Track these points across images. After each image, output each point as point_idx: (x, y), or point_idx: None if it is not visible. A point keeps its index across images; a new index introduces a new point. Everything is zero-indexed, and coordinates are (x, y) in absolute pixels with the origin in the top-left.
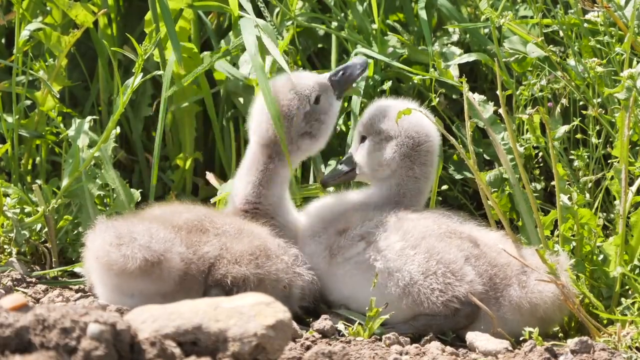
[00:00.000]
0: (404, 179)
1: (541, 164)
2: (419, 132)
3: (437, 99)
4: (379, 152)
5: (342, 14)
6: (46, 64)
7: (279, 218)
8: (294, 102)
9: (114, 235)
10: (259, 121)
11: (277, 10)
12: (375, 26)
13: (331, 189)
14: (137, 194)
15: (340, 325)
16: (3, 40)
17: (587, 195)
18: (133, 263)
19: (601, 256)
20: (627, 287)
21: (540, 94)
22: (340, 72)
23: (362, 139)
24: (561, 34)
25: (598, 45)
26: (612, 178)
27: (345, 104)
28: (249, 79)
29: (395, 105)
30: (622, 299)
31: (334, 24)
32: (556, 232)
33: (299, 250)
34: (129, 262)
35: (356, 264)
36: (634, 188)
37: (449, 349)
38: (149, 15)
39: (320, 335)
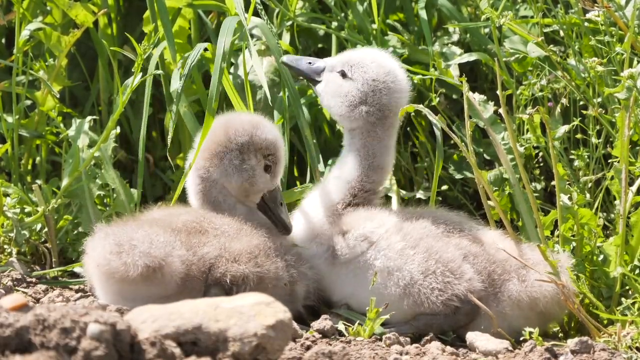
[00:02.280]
0: (368, 139)
1: (541, 164)
2: (396, 108)
3: (437, 99)
4: (348, 105)
5: (342, 14)
6: (46, 64)
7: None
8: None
9: (113, 242)
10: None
11: (277, 10)
12: (375, 26)
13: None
14: (137, 193)
15: (341, 325)
16: (3, 40)
17: (587, 195)
18: (134, 271)
19: (601, 256)
20: (627, 287)
21: (540, 93)
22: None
23: (344, 73)
24: (561, 33)
25: (598, 45)
26: (612, 178)
27: None
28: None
29: (388, 70)
30: (622, 299)
31: (334, 23)
32: (556, 232)
33: (301, 250)
34: (130, 270)
35: (359, 264)
36: (634, 188)
37: (449, 349)
38: (147, 14)
39: (320, 335)
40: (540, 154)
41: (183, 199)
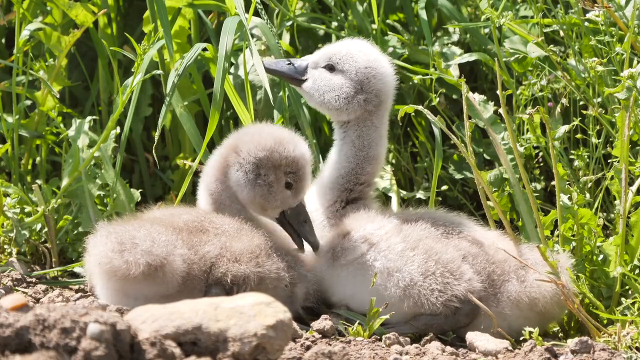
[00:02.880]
0: (363, 130)
1: (541, 164)
2: (389, 93)
3: (437, 99)
4: (345, 97)
5: (342, 14)
6: (46, 64)
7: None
8: (240, 158)
9: (115, 241)
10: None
11: (277, 10)
12: (375, 26)
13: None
14: (137, 194)
15: (341, 325)
16: (3, 40)
17: (587, 195)
18: (136, 269)
19: (601, 256)
20: (627, 287)
21: (540, 93)
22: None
23: (330, 67)
24: (561, 33)
25: (598, 45)
26: (612, 178)
27: None
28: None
29: (374, 57)
30: (622, 299)
31: (334, 23)
32: (556, 232)
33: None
34: (132, 269)
35: (359, 266)
36: (634, 188)
37: (449, 349)
38: (147, 14)
39: (320, 335)
40: (540, 154)
41: (184, 199)
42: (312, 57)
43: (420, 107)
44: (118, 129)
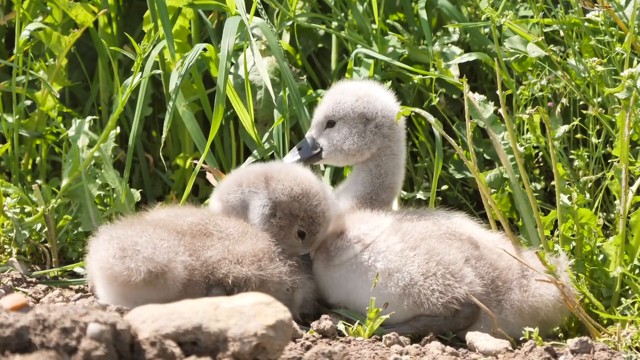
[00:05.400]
0: (382, 158)
1: (541, 164)
2: (392, 110)
3: (437, 99)
4: (358, 136)
5: (342, 14)
6: (46, 64)
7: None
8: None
9: (117, 247)
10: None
11: (277, 10)
12: (375, 26)
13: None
14: (137, 194)
15: (340, 325)
16: (3, 40)
17: (587, 195)
18: (137, 276)
19: (601, 256)
20: (627, 287)
21: (540, 93)
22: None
23: (330, 123)
24: (561, 33)
25: (598, 45)
26: (612, 178)
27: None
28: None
29: (358, 86)
30: (622, 299)
31: (334, 23)
32: (556, 232)
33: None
34: (133, 275)
35: (352, 267)
36: (634, 188)
37: (449, 348)
38: (147, 14)
39: (320, 335)
40: (540, 154)
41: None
42: (311, 131)
43: (418, 110)
44: (118, 129)
